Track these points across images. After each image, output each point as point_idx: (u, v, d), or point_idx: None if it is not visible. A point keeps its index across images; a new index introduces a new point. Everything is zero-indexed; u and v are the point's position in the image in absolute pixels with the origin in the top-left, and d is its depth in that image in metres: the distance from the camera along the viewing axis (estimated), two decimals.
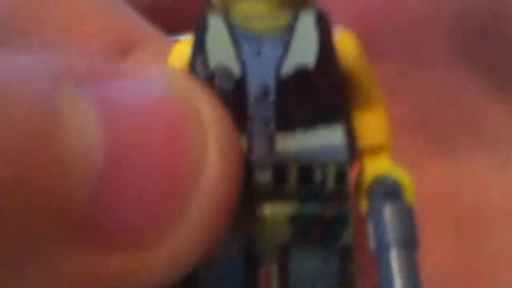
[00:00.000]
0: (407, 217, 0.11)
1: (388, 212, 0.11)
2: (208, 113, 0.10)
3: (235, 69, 0.11)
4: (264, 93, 0.11)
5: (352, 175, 0.12)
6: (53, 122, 0.09)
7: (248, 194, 0.11)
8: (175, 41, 0.12)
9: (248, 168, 0.11)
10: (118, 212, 0.09)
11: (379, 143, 0.12)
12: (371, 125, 0.12)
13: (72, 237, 0.09)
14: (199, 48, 0.11)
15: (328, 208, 0.11)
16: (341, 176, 0.11)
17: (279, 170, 0.11)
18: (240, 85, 0.11)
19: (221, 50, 0.11)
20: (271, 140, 0.11)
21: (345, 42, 0.12)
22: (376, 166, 0.12)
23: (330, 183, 0.11)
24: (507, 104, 0.17)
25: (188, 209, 0.10)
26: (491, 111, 0.17)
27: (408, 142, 0.18)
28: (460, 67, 0.17)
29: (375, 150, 0.12)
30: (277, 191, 0.11)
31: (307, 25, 0.11)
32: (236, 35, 0.11)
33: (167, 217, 0.10)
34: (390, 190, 0.11)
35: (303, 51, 0.11)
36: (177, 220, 0.10)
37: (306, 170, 0.11)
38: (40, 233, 0.09)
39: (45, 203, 0.09)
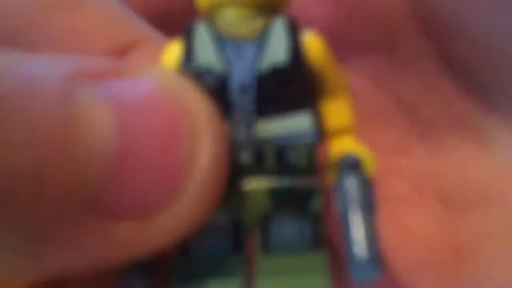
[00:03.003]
0: (366, 186, 0.13)
1: (351, 183, 0.13)
2: (198, 107, 0.12)
3: (219, 69, 0.13)
4: (244, 88, 0.13)
5: (321, 153, 0.14)
6: (71, 115, 0.11)
7: (233, 172, 0.13)
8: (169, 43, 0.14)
9: (232, 150, 0.13)
10: (125, 191, 0.11)
11: (344, 126, 0.14)
12: (336, 111, 0.14)
13: (89, 210, 0.11)
14: (188, 51, 0.13)
15: (301, 182, 0.13)
16: (310, 155, 0.13)
17: (259, 152, 0.13)
18: (223, 82, 0.13)
19: (206, 53, 0.13)
20: (251, 127, 0.13)
21: (312, 42, 0.14)
22: (341, 146, 0.14)
23: (302, 161, 0.13)
24: (480, 95, 0.18)
25: (184, 187, 0.12)
26: (468, 101, 0.18)
27: (396, 129, 0.19)
28: (436, 63, 0.18)
29: (340, 132, 0.14)
30: (257, 170, 0.13)
31: (279, 30, 0.13)
32: (219, 39, 0.13)
33: (166, 194, 0.12)
34: (352, 165, 0.14)
35: (277, 51, 0.13)
36: (174, 197, 0.12)
37: (281, 151, 0.13)
38: (65, 208, 0.11)
39: (67, 183, 0.10)
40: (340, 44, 0.19)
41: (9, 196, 0.10)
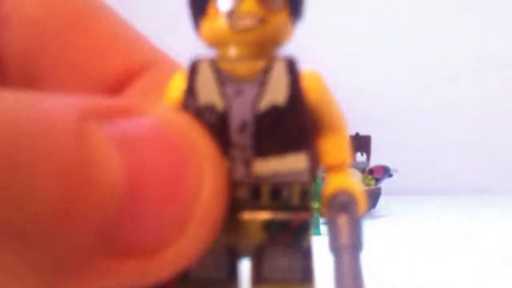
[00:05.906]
0: (356, 226, 0.14)
1: (341, 222, 0.14)
2: (202, 144, 0.13)
3: (220, 105, 0.14)
4: (243, 125, 0.14)
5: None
6: (84, 154, 0.11)
7: (231, 206, 0.14)
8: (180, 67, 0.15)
9: (230, 186, 0.14)
10: (135, 228, 0.12)
11: (340, 162, 0.15)
12: (334, 147, 0.15)
13: (102, 248, 0.12)
14: (190, 88, 0.14)
15: (294, 217, 0.14)
16: (304, 194, 0.14)
17: (255, 188, 0.14)
18: (223, 119, 0.14)
19: (208, 90, 0.14)
20: (248, 164, 0.14)
21: (312, 81, 0.14)
22: (337, 181, 0.15)
23: (295, 199, 0.14)
24: None
25: (188, 224, 0.12)
26: None
27: None
28: None
29: (337, 168, 0.15)
30: (253, 204, 0.14)
31: (279, 69, 0.14)
32: (220, 77, 0.14)
33: (174, 228, 0.12)
34: (345, 203, 0.14)
35: (276, 91, 0.14)
36: (179, 233, 0.12)
37: (276, 188, 0.14)
38: (81, 244, 0.11)
39: (83, 221, 0.11)
40: None
41: (33, 232, 0.11)
